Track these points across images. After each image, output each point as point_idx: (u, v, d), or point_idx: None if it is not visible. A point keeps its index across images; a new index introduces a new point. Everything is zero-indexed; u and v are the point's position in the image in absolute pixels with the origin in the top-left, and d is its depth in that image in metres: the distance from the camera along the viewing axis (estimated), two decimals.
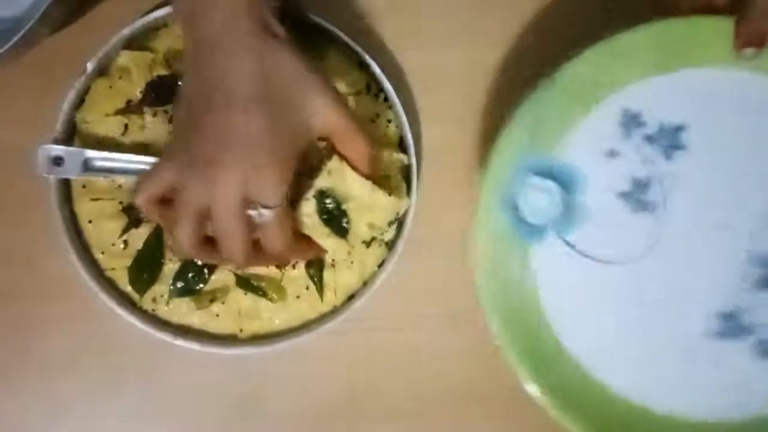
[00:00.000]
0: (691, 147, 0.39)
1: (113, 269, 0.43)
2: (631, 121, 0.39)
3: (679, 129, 0.39)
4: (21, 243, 0.45)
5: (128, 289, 0.43)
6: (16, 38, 0.40)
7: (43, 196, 0.42)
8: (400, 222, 0.43)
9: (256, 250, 0.39)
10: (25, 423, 0.44)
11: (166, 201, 0.38)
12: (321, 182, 0.41)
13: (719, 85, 0.39)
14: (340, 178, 0.41)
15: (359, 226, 0.42)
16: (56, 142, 0.42)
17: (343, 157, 0.41)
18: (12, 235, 0.45)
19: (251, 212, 0.36)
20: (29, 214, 0.44)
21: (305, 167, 0.41)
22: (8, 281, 0.45)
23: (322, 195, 0.41)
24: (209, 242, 0.38)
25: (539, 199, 0.39)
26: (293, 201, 0.41)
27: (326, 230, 0.42)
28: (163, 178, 0.37)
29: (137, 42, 0.44)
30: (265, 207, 0.37)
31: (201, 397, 0.46)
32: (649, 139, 0.39)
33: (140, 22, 0.43)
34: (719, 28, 0.38)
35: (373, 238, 0.43)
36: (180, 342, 0.43)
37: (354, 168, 0.41)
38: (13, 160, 0.44)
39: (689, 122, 0.39)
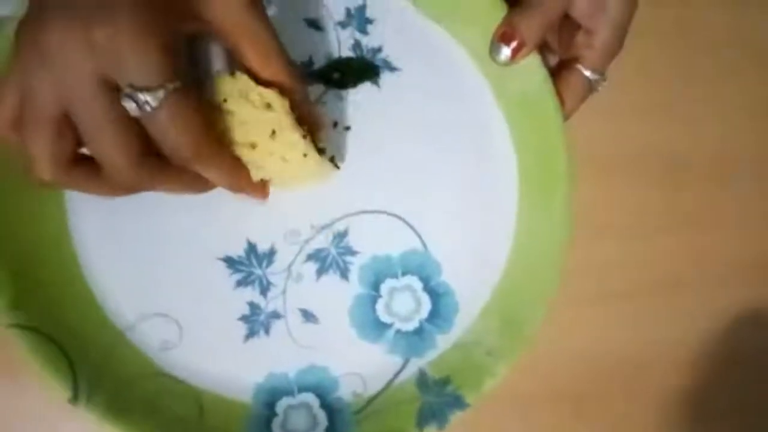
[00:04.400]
0: None
1: None
2: None
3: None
4: None
5: None
6: None
7: None
8: None
9: (159, 162, 0.30)
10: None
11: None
12: None
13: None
14: None
15: None
16: None
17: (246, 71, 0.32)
18: None
19: (128, 105, 0.28)
20: None
21: None
22: None
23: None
24: (86, 163, 0.30)
25: None
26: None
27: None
28: (9, 90, 0.29)
29: None
30: (143, 90, 0.27)
31: None
32: None
33: None
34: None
35: None
36: None
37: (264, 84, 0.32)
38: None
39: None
